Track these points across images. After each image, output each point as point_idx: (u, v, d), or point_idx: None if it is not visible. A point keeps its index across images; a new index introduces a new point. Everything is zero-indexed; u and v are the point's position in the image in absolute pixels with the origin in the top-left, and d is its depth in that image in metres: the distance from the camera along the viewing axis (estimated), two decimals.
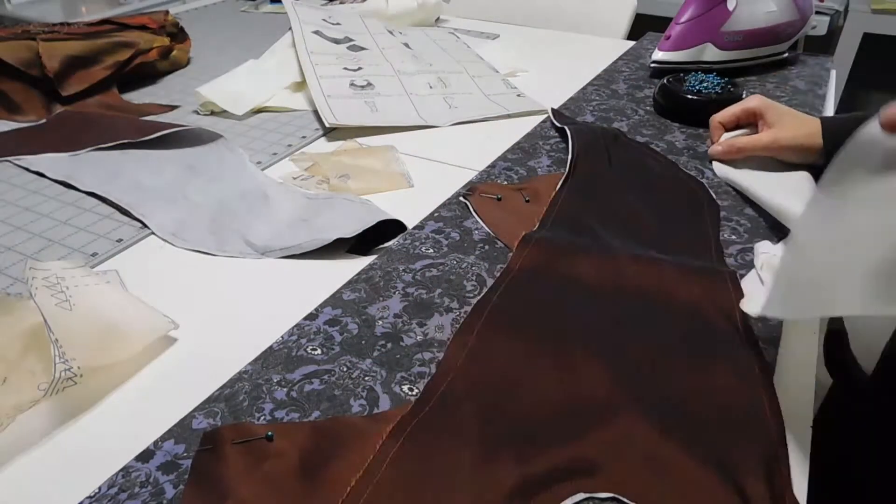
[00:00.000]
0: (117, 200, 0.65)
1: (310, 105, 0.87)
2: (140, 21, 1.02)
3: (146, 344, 0.46)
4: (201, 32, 1.19)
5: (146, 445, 0.39)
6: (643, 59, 1.02)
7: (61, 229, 0.61)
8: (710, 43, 0.91)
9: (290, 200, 0.65)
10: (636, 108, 0.85)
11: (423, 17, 1.22)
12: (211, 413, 0.41)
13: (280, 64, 0.96)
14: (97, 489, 0.36)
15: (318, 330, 0.47)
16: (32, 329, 0.44)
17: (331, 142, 0.79)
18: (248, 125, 0.83)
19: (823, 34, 1.76)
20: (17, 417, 0.40)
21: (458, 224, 0.60)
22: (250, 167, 0.70)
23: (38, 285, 0.43)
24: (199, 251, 0.58)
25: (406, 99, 0.87)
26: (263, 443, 0.37)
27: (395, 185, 0.69)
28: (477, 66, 1.00)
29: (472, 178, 0.69)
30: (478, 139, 0.79)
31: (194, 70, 1.03)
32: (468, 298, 0.51)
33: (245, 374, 0.44)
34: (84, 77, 0.89)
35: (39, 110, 0.86)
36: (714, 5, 0.90)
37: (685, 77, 0.83)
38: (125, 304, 0.47)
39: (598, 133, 0.74)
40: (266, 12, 1.35)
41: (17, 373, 0.41)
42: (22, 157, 0.73)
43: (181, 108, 0.88)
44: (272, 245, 0.58)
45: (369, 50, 0.99)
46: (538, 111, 0.86)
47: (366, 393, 0.42)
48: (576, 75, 0.96)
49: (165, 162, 0.71)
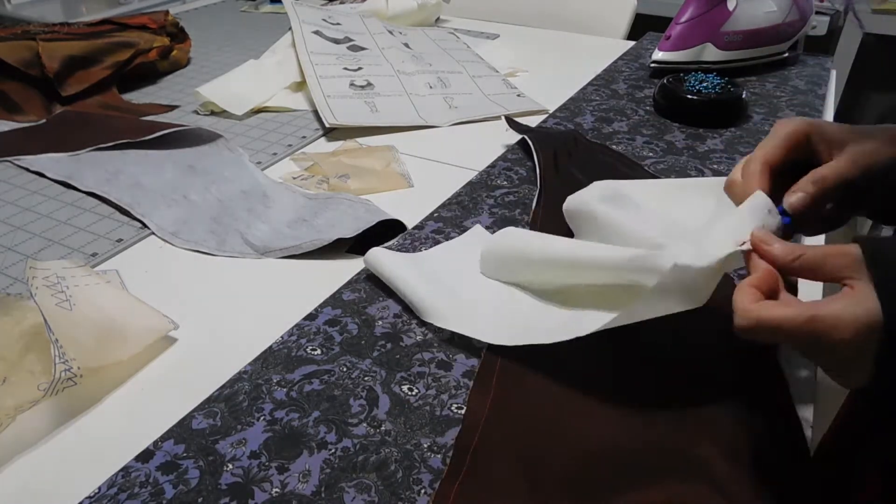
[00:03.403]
0: (117, 200, 0.65)
1: (310, 105, 0.87)
2: (140, 21, 1.02)
3: (146, 344, 0.46)
4: (201, 32, 1.19)
5: (146, 445, 0.39)
6: (643, 59, 1.02)
7: (61, 229, 0.61)
8: (710, 43, 0.91)
9: (290, 200, 0.65)
10: (636, 108, 0.85)
11: (423, 17, 1.22)
12: (211, 413, 0.41)
13: (280, 64, 0.96)
14: (97, 489, 0.36)
15: (318, 330, 0.47)
16: (32, 329, 0.44)
17: (331, 142, 0.79)
18: (248, 125, 0.83)
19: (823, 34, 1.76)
20: (17, 417, 0.40)
21: (458, 224, 0.60)
22: (250, 167, 0.70)
23: (38, 285, 0.43)
24: (199, 251, 0.58)
25: (406, 99, 0.87)
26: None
27: (395, 185, 0.69)
28: (477, 66, 1.00)
29: (471, 178, 0.69)
30: (478, 139, 0.79)
31: (194, 70, 1.03)
32: None
33: (245, 374, 0.44)
34: (84, 77, 0.89)
35: (39, 110, 0.86)
36: (714, 5, 0.90)
37: (685, 77, 0.83)
38: (125, 304, 0.47)
39: (558, 138, 0.74)
40: (266, 12, 1.35)
41: (17, 373, 0.41)
42: (22, 157, 0.73)
43: (181, 108, 0.88)
44: (272, 245, 0.58)
45: (369, 50, 0.99)
46: (538, 111, 0.86)
47: (365, 393, 0.42)
48: (576, 75, 0.96)
49: (165, 162, 0.71)
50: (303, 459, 0.38)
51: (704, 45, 0.91)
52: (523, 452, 0.38)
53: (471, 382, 0.43)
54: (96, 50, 0.91)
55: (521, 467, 0.37)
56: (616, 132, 0.78)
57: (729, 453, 0.37)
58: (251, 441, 0.39)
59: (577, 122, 0.81)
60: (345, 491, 0.36)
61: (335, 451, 0.38)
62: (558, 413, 0.41)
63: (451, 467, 0.37)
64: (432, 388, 0.43)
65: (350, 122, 0.80)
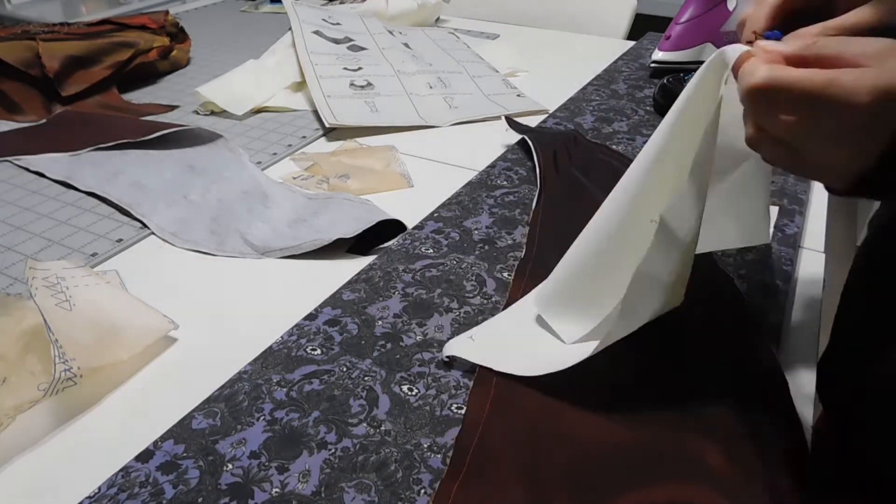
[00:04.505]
0: (117, 200, 0.65)
1: (310, 105, 0.87)
2: (140, 21, 1.02)
3: (146, 344, 0.46)
4: (201, 32, 1.19)
5: (146, 445, 0.39)
6: (643, 59, 1.02)
7: (61, 229, 0.61)
8: (710, 43, 0.91)
9: (290, 200, 0.65)
10: (636, 108, 0.85)
11: (423, 17, 1.22)
12: (210, 413, 0.41)
13: (280, 64, 0.96)
14: (97, 489, 0.36)
15: (318, 330, 0.48)
16: (32, 329, 0.44)
17: (331, 142, 0.79)
18: (248, 125, 0.83)
19: None
20: (17, 417, 0.40)
21: (458, 224, 0.60)
22: (250, 167, 0.70)
23: (38, 285, 0.44)
24: (199, 251, 0.58)
25: (406, 99, 0.87)
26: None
27: (395, 185, 0.69)
28: (477, 66, 1.00)
29: (471, 178, 0.69)
30: (478, 139, 0.79)
31: (194, 70, 1.03)
32: (468, 298, 0.51)
33: (245, 375, 0.44)
34: (84, 77, 0.89)
35: (39, 110, 0.86)
36: (714, 5, 0.90)
37: (685, 77, 0.83)
38: (125, 304, 0.47)
39: (557, 137, 0.74)
40: (266, 12, 1.35)
41: (17, 373, 0.41)
42: (22, 157, 0.73)
43: (181, 108, 0.88)
44: (272, 245, 0.58)
45: (369, 50, 0.99)
46: (538, 111, 0.86)
47: (365, 393, 0.42)
48: (576, 75, 0.96)
49: (165, 162, 0.71)
50: (303, 459, 0.38)
51: (704, 45, 0.91)
52: (523, 452, 0.38)
53: (471, 382, 0.43)
54: (96, 50, 0.91)
55: (521, 467, 0.37)
56: (616, 132, 0.78)
57: (729, 453, 0.37)
58: (251, 441, 0.39)
59: (577, 122, 0.81)
60: (345, 491, 0.36)
61: (335, 451, 0.38)
62: (558, 413, 0.41)
63: (452, 467, 0.37)
64: (432, 388, 0.43)
65: (350, 122, 0.80)
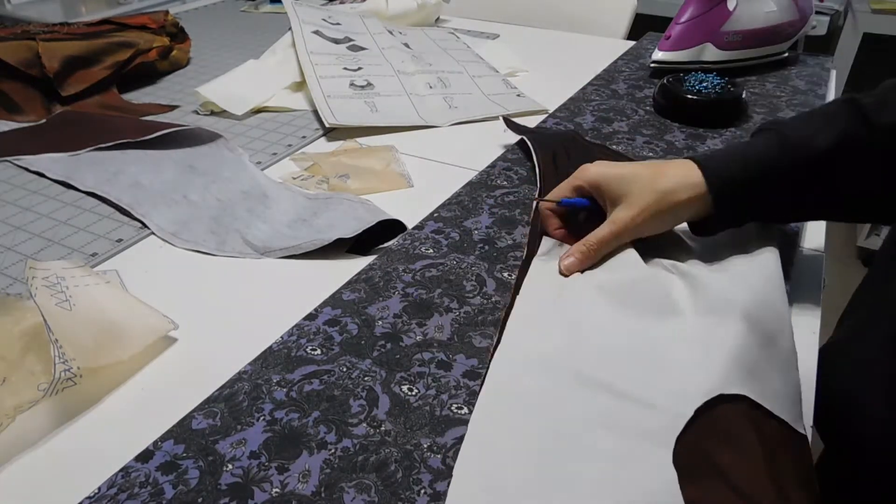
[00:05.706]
0: (117, 200, 0.65)
1: (310, 105, 0.87)
2: (140, 21, 1.02)
3: (146, 344, 0.46)
4: (201, 32, 1.19)
5: (146, 445, 0.39)
6: (643, 59, 1.02)
7: (61, 229, 0.61)
8: (710, 43, 0.91)
9: (290, 200, 0.65)
10: (636, 108, 0.85)
11: (423, 17, 1.22)
12: (210, 413, 0.41)
13: (280, 64, 0.96)
14: (97, 489, 0.36)
15: (318, 330, 0.48)
16: (32, 329, 0.44)
17: (331, 142, 0.79)
18: (248, 125, 0.83)
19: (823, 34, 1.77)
20: (16, 417, 0.40)
21: (458, 224, 0.60)
22: (250, 167, 0.70)
23: (38, 285, 0.43)
24: (199, 251, 0.58)
25: (406, 99, 0.87)
26: None
27: (395, 185, 0.69)
28: (477, 66, 1.00)
29: (471, 178, 0.69)
30: (478, 139, 0.79)
31: (194, 70, 1.03)
32: (468, 298, 0.51)
33: (244, 375, 0.44)
34: (84, 77, 0.89)
35: (39, 110, 0.86)
36: (714, 5, 0.90)
37: (685, 77, 0.83)
38: (125, 304, 0.47)
39: (556, 137, 0.74)
40: (266, 12, 1.35)
41: (17, 373, 0.41)
42: (22, 157, 0.73)
43: (181, 108, 0.88)
44: (272, 245, 0.58)
45: (369, 50, 0.99)
46: (538, 111, 0.86)
47: (365, 393, 0.42)
48: (576, 75, 0.96)
49: (165, 162, 0.71)
50: (303, 459, 0.38)
51: (704, 45, 0.91)
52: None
53: (471, 383, 0.43)
54: (96, 50, 0.91)
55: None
56: (616, 132, 0.78)
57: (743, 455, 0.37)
58: (251, 441, 0.39)
59: (577, 122, 0.81)
60: (345, 491, 0.36)
61: (335, 451, 0.38)
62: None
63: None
64: (432, 388, 0.43)
65: (350, 122, 0.80)
